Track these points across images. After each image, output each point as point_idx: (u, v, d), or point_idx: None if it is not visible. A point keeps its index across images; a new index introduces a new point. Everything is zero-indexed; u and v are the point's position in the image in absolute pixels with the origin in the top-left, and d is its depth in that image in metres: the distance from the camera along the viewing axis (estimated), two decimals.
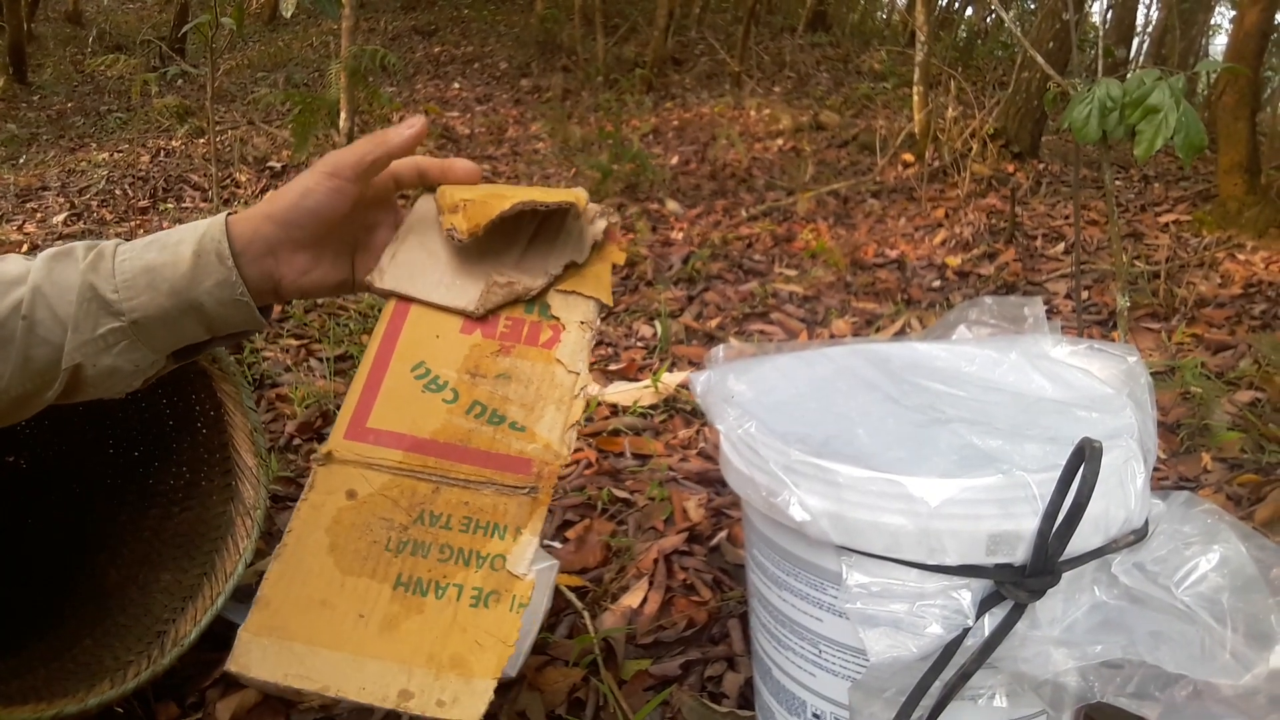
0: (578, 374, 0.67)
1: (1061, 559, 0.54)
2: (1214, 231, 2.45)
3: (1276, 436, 1.28)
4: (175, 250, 0.60)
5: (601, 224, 0.72)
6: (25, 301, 0.58)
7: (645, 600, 0.99)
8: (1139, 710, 0.52)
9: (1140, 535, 0.57)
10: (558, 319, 0.69)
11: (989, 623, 0.55)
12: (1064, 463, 0.52)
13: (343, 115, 3.26)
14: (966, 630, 0.55)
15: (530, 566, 0.60)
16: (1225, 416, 1.35)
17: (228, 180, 3.24)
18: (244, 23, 6.10)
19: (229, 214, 0.63)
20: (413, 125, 0.66)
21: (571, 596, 1.00)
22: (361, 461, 0.63)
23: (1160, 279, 2.02)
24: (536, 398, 0.66)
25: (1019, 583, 0.54)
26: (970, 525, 0.53)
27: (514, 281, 0.69)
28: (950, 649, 0.55)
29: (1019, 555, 0.54)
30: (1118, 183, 2.98)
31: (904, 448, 0.58)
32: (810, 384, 0.71)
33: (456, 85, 5.39)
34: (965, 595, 0.54)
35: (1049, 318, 0.80)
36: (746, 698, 0.84)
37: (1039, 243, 2.46)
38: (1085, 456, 0.50)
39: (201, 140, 3.88)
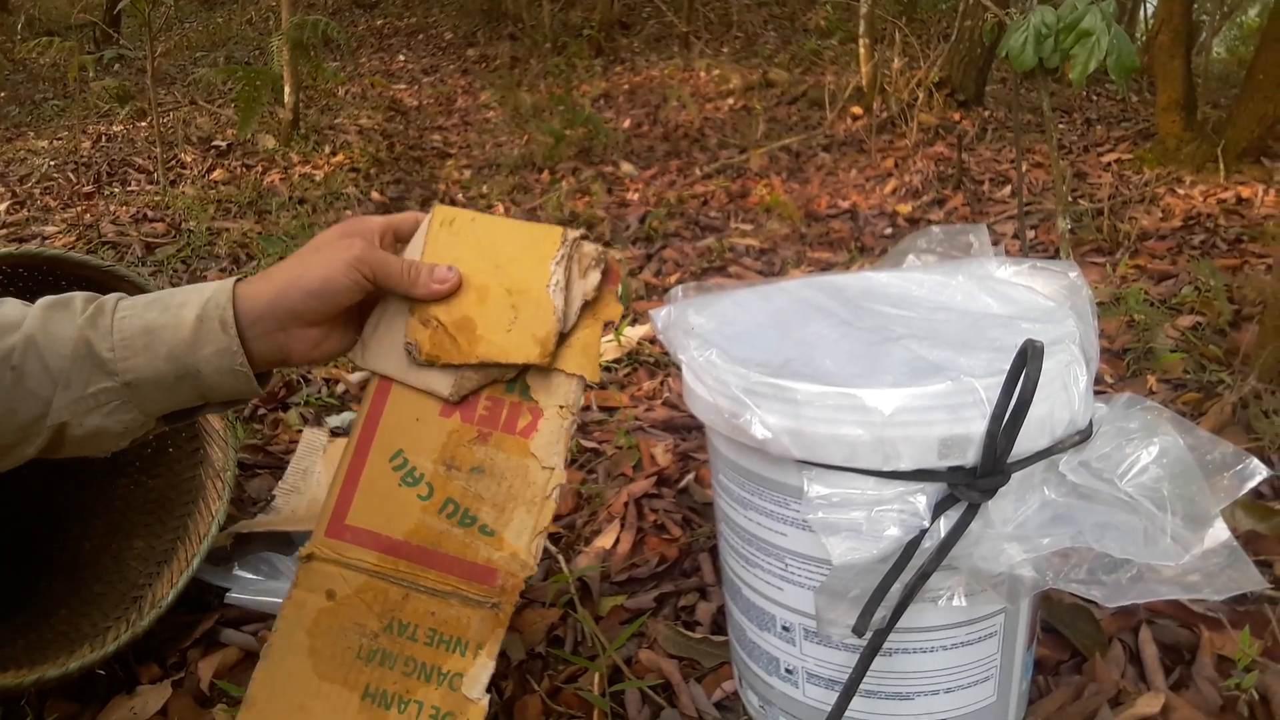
0: (552, 469, 0.66)
1: (1010, 460, 0.57)
2: (1154, 168, 2.51)
3: (1215, 356, 1.33)
4: (178, 313, 0.58)
5: (595, 276, 0.68)
6: (17, 350, 0.55)
7: (618, 541, 1.01)
8: (1088, 594, 0.56)
9: (1085, 435, 0.60)
10: (536, 402, 0.68)
11: (944, 524, 0.58)
12: (1008, 368, 0.55)
13: (287, 90, 3.20)
14: (923, 532, 0.57)
15: (484, 691, 0.63)
16: (1168, 340, 1.40)
17: (173, 161, 3.18)
18: (180, 0, 5.95)
19: (237, 280, 0.61)
20: (445, 280, 0.66)
21: (545, 543, 1.02)
22: (340, 561, 0.65)
23: (1104, 215, 2.06)
24: (508, 497, 0.66)
25: (971, 484, 0.57)
26: (922, 431, 0.56)
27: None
28: (909, 550, 0.57)
29: (970, 458, 0.56)
30: (1061, 126, 3.03)
31: (858, 364, 0.61)
32: (768, 314, 0.73)
33: (402, 57, 5.31)
34: (920, 499, 0.57)
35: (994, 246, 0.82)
36: (719, 624, 0.87)
37: (986, 187, 2.51)
38: (1028, 357, 0.52)
39: (144, 123, 3.79)
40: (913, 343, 0.62)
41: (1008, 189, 2.48)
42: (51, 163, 3.32)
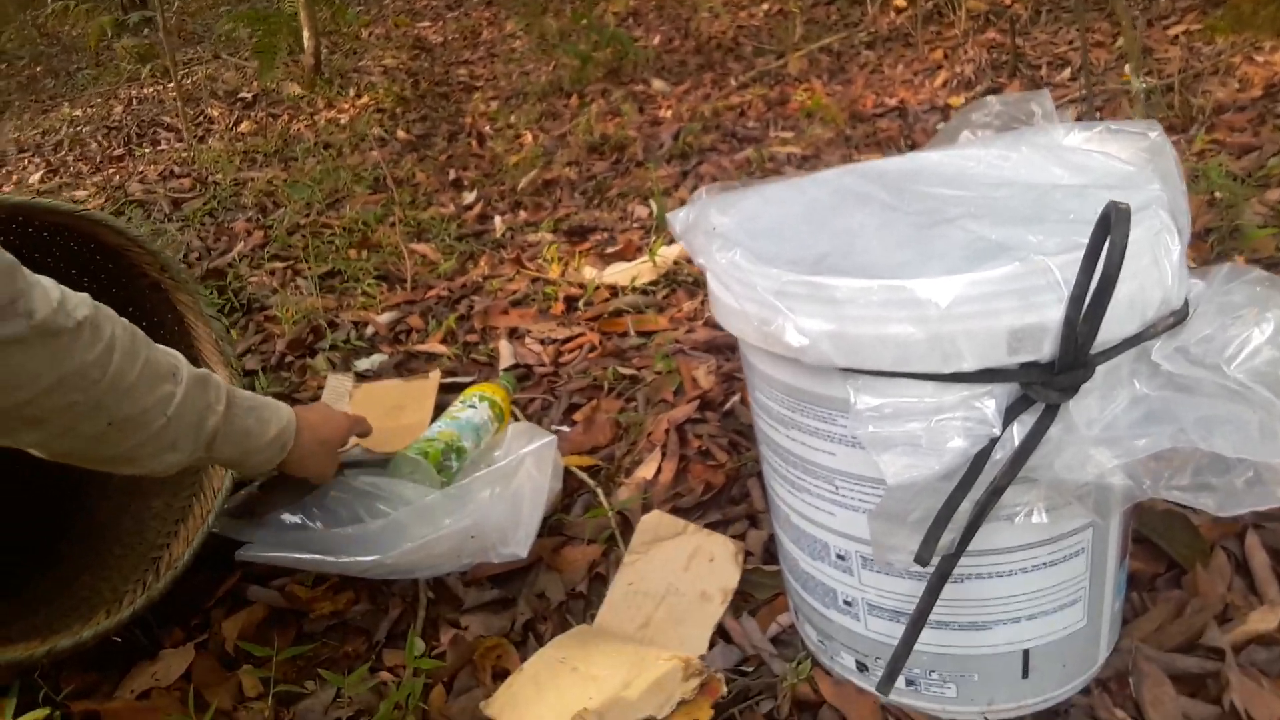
0: None
1: (1094, 350, 0.48)
2: (1228, 36, 2.30)
3: None
4: (263, 430, 0.76)
5: (693, 684, 0.67)
6: (174, 404, 0.67)
7: (659, 470, 0.95)
8: (1195, 502, 0.47)
9: (1180, 317, 0.51)
10: None
11: (1018, 431, 0.50)
12: (1087, 240, 0.46)
13: (306, 35, 3.12)
14: (994, 441, 0.49)
15: None
16: (1256, 216, 1.27)
17: (200, 117, 3.14)
18: None
19: (294, 411, 0.80)
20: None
21: (583, 475, 0.96)
22: None
23: (1175, 90, 1.89)
24: None
25: (1048, 382, 0.48)
26: (987, 323, 0.47)
27: None
28: (977, 463, 0.49)
29: (1045, 351, 0.48)
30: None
31: (907, 251, 0.52)
32: (800, 207, 0.64)
33: None
34: (989, 403, 0.49)
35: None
36: (771, 553, 0.80)
37: (1044, 72, 2.33)
38: (1111, 224, 0.43)
39: (172, 84, 3.75)
40: (970, 222, 0.53)
41: (1066, 72, 2.30)
42: (85, 129, 3.30)
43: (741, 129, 2.28)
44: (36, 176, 2.83)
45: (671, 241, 1.57)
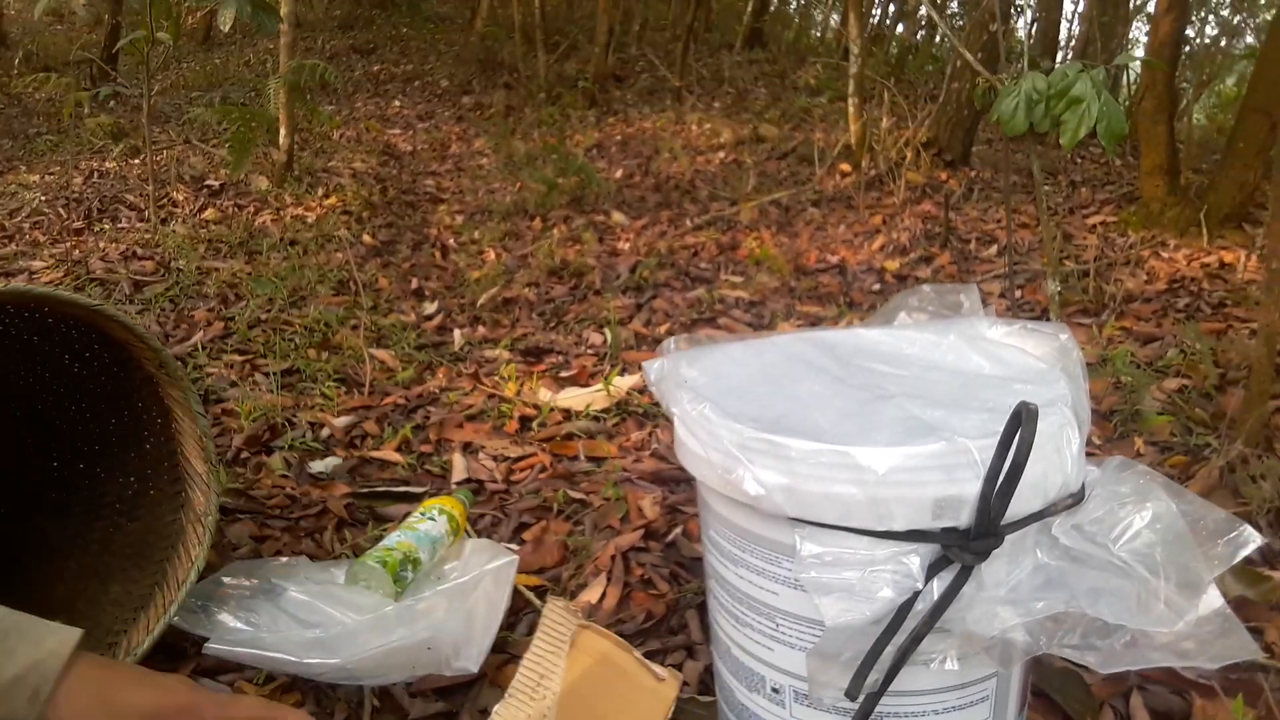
0: None
1: (1004, 522, 0.56)
2: (1139, 231, 2.55)
3: (1202, 419, 1.34)
4: (2, 661, 0.55)
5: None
6: None
7: (604, 595, 1.00)
8: (1081, 659, 0.55)
9: (1078, 498, 0.60)
10: None
11: (938, 586, 0.57)
12: (1002, 428, 0.55)
13: (282, 132, 3.22)
14: (917, 593, 0.57)
15: None
16: (1155, 403, 1.40)
17: (165, 199, 3.18)
18: (179, 40, 6.00)
19: (77, 647, 0.58)
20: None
21: (530, 595, 1.00)
22: None
23: (1090, 277, 2.09)
24: None
25: (964, 545, 0.56)
26: (916, 491, 0.56)
27: None
28: (902, 612, 0.57)
29: (963, 519, 0.56)
30: (1046, 188, 3.08)
31: (851, 422, 0.60)
32: (760, 369, 0.73)
33: (397, 103, 5.35)
34: (914, 560, 0.57)
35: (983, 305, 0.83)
36: (707, 684, 0.85)
37: (973, 245, 2.53)
38: (1022, 419, 0.52)
39: (137, 160, 3.79)
40: (906, 401, 0.62)
41: (994, 248, 2.51)
42: (42, 197, 3.31)
43: (694, 268, 2.42)
44: None
45: (624, 372, 1.66)
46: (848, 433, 0.59)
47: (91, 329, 0.84)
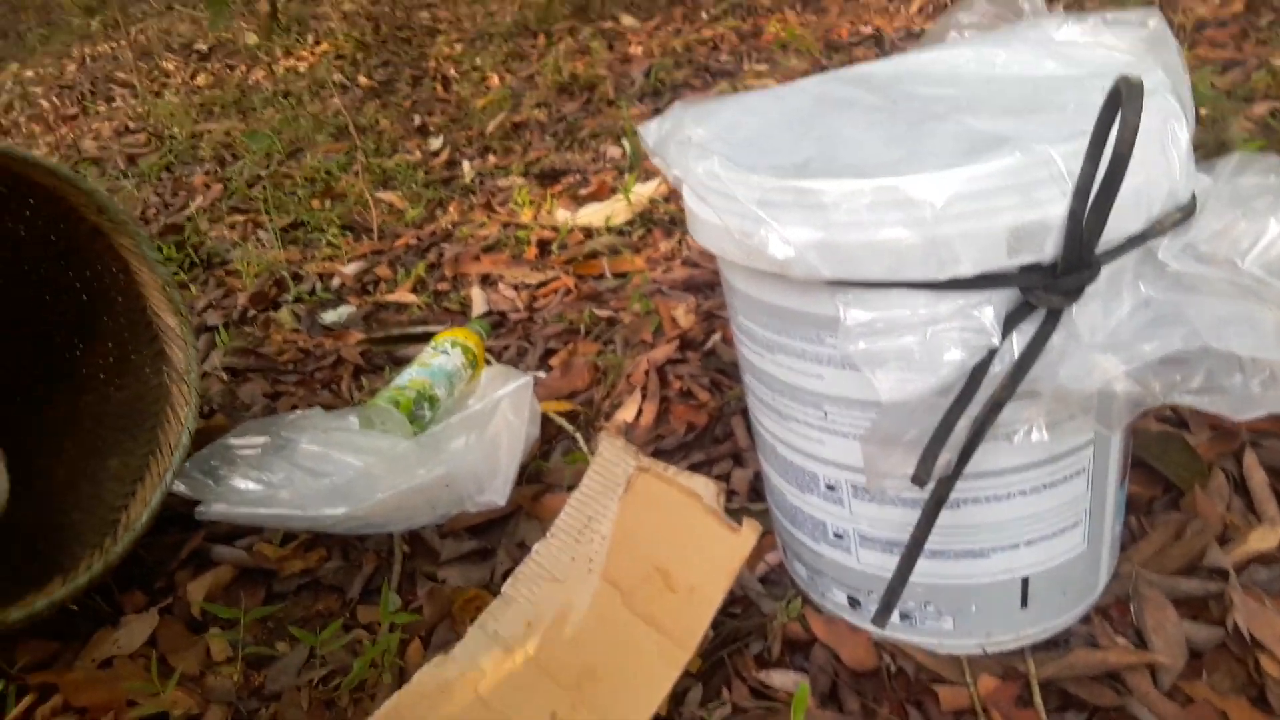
0: None
1: (1099, 249, 0.44)
2: None
3: None
4: None
5: None
6: None
7: (640, 412, 0.91)
8: (1209, 406, 0.44)
9: (1188, 212, 0.47)
10: None
11: (1018, 341, 0.46)
12: (1090, 129, 0.42)
13: None
14: (993, 352, 0.46)
15: None
16: (1242, 131, 1.23)
17: (155, 71, 3.03)
18: None
19: None
20: None
21: (562, 421, 0.92)
22: None
23: (1154, 4, 1.85)
24: None
25: (1050, 285, 0.44)
26: (985, 223, 0.44)
27: None
28: (975, 377, 0.46)
29: (1047, 251, 0.44)
30: None
31: (897, 149, 0.48)
32: (781, 115, 0.59)
33: None
34: (987, 311, 0.45)
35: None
36: (757, 491, 0.77)
37: None
38: (1123, 99, 0.39)
39: (127, 41, 3.62)
40: (964, 116, 0.49)
41: None
42: (37, 89, 3.19)
43: (715, 63, 2.21)
44: None
45: (647, 179, 1.52)
46: (892, 162, 0.46)
47: (21, 183, 0.74)
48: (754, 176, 0.49)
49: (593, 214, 1.45)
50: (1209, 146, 1.22)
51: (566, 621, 0.63)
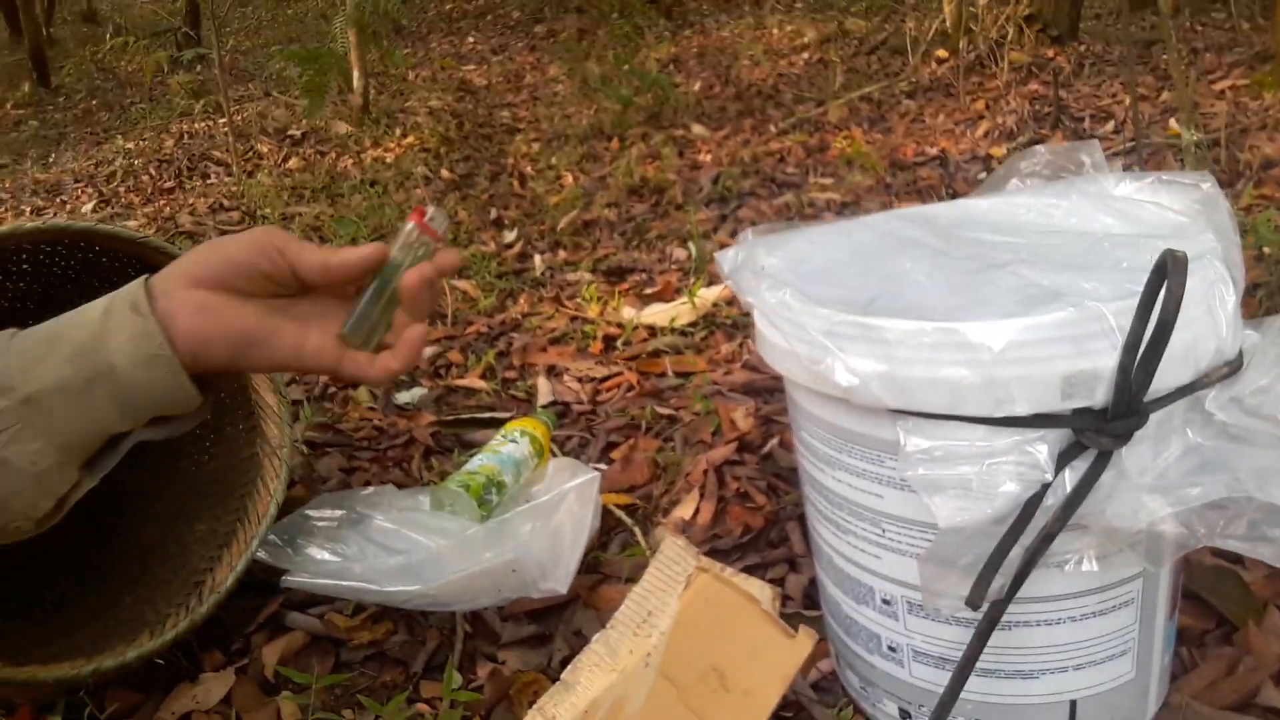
0: None
1: (1148, 398, 0.48)
2: (1274, 92, 2.30)
3: None
4: (83, 313, 0.52)
5: None
6: None
7: (698, 511, 0.95)
8: (1253, 552, 0.46)
9: (1235, 367, 0.51)
10: None
11: (1070, 477, 0.50)
12: (1141, 289, 0.46)
13: (355, 74, 3.20)
14: (1046, 486, 0.49)
15: None
16: None
17: (250, 153, 3.22)
18: None
19: (147, 277, 0.54)
20: (364, 252, 0.57)
21: (621, 514, 0.96)
22: None
23: (1221, 146, 1.89)
24: None
25: (1101, 428, 0.48)
26: (1041, 369, 0.47)
27: None
28: (1029, 508, 0.49)
29: (1099, 397, 0.48)
30: (1165, 57, 2.81)
31: (959, 295, 0.52)
32: (849, 251, 0.65)
33: (471, 39, 5.29)
34: (1041, 449, 0.49)
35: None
36: (811, 597, 0.80)
37: (1087, 124, 2.33)
38: (1168, 270, 0.43)
39: (224, 120, 3.86)
40: (1022, 268, 0.53)
41: (1110, 125, 2.31)
42: (137, 161, 3.40)
43: (781, 174, 2.30)
44: (89, 206, 2.91)
45: (711, 283, 1.58)
46: (954, 307, 0.51)
47: (140, 264, 0.82)
48: (823, 309, 0.54)
49: (658, 314, 1.51)
50: (1270, 286, 1.24)
51: (622, 712, 0.65)
